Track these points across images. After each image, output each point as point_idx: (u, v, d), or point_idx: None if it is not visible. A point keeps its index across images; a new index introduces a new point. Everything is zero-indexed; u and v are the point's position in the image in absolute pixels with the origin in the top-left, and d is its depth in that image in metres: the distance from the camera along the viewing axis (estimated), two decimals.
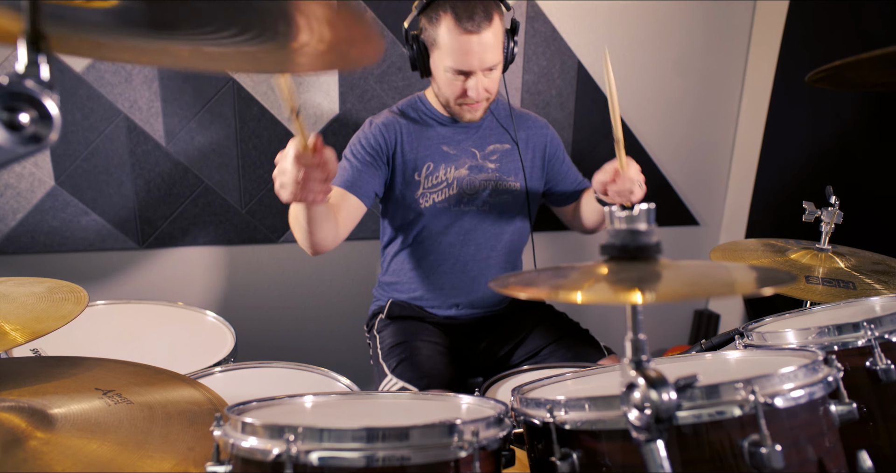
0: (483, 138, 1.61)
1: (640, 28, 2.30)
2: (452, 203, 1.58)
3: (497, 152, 1.61)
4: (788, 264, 1.41)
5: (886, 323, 0.84)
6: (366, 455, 0.63)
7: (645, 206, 0.63)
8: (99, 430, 0.76)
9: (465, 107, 1.49)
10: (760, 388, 0.65)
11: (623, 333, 0.60)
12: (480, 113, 1.53)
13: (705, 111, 2.50)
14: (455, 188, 1.58)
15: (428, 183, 1.56)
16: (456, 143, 1.58)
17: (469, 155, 1.59)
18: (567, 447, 0.70)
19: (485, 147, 1.61)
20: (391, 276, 1.71)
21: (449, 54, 1.39)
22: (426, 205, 1.57)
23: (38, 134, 0.44)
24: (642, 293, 0.55)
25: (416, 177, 1.56)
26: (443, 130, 1.58)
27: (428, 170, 1.56)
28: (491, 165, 1.60)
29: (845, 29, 2.09)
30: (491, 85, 1.46)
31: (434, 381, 1.39)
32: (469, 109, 1.50)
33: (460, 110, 1.51)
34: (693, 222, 2.60)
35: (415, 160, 1.55)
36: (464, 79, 1.43)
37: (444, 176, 1.57)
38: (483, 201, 1.60)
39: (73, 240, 1.89)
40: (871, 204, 1.99)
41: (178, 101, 1.90)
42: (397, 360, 1.47)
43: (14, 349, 1.01)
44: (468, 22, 1.34)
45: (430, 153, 1.56)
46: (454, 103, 1.49)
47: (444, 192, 1.57)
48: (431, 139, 1.57)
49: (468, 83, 1.43)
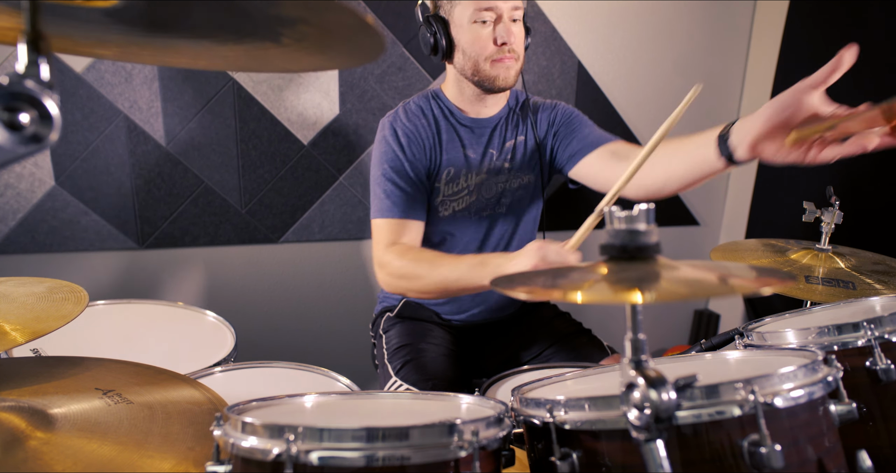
0: (500, 135, 1.54)
1: (640, 28, 2.30)
2: (472, 211, 1.54)
3: (512, 148, 1.54)
4: (788, 264, 1.42)
5: (886, 323, 0.84)
6: (366, 454, 0.63)
7: (644, 206, 0.63)
8: (99, 430, 0.76)
9: (499, 63, 1.38)
10: (760, 388, 0.65)
11: (623, 333, 0.60)
12: (514, 74, 1.41)
13: (705, 111, 2.50)
14: (475, 195, 1.52)
15: (448, 190, 1.50)
16: (478, 146, 1.52)
17: (489, 157, 1.53)
18: (567, 447, 0.70)
19: (502, 145, 1.54)
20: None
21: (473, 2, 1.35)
22: (445, 214, 1.52)
23: (38, 134, 0.44)
24: (642, 293, 0.55)
25: (436, 184, 1.50)
26: (464, 131, 1.52)
27: (448, 177, 1.50)
28: (506, 165, 1.54)
29: (845, 29, 2.09)
30: (518, 37, 1.39)
31: (438, 384, 1.38)
32: (503, 66, 1.39)
33: (494, 70, 1.39)
34: (693, 222, 2.60)
35: (436, 166, 1.49)
36: (493, 28, 1.36)
37: (465, 183, 1.51)
38: (500, 203, 1.56)
39: (73, 240, 1.90)
40: (871, 204, 1.99)
41: (178, 101, 1.90)
42: (402, 362, 1.46)
43: (14, 349, 1.01)
44: None
45: (451, 157, 1.50)
46: (485, 60, 1.39)
47: (465, 200, 1.52)
48: (454, 141, 1.50)
49: (498, 30, 1.36)
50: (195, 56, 0.66)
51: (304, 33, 0.57)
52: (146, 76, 1.86)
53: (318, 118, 2.03)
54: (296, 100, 2.00)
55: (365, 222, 2.17)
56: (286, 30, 0.56)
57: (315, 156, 2.06)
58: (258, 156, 2.00)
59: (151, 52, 0.66)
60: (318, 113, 2.03)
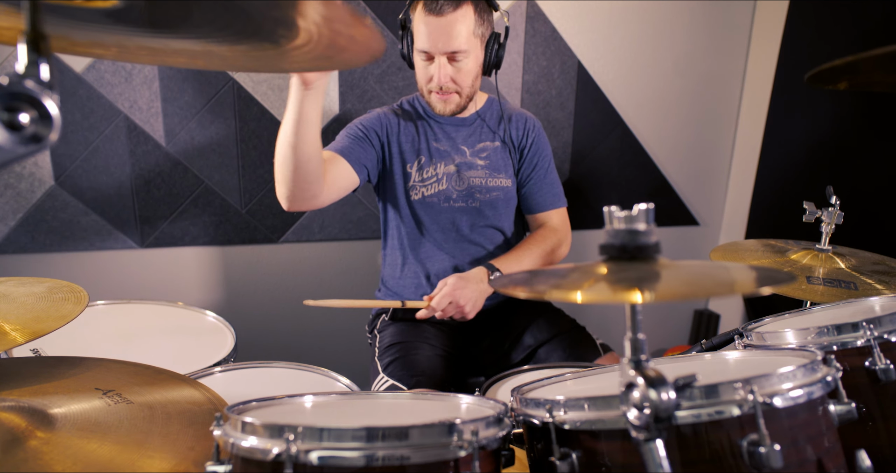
0: (473, 136, 1.64)
1: (640, 28, 2.30)
2: (442, 198, 1.61)
3: (487, 150, 1.64)
4: (788, 264, 1.41)
5: (885, 323, 0.84)
6: (365, 454, 0.63)
7: (644, 206, 0.63)
8: (99, 430, 0.76)
9: (435, 95, 1.52)
10: (759, 388, 0.65)
11: (623, 332, 0.60)
12: (452, 107, 1.54)
13: (705, 111, 2.50)
14: (444, 183, 1.61)
15: (419, 176, 1.60)
16: (447, 140, 1.62)
17: (459, 152, 1.62)
18: (566, 447, 0.70)
19: (474, 144, 1.64)
20: (390, 279, 1.72)
21: (417, 36, 1.46)
22: (416, 197, 1.61)
23: (38, 134, 0.44)
24: (641, 293, 0.55)
25: (408, 168, 1.61)
26: (436, 126, 1.63)
27: (420, 164, 1.61)
28: (480, 162, 1.63)
29: (846, 29, 2.09)
30: (458, 76, 1.49)
31: (423, 381, 1.40)
32: (438, 99, 1.53)
33: (433, 100, 1.54)
34: (693, 222, 2.60)
35: (408, 152, 1.60)
36: (428, 64, 1.48)
37: (435, 171, 1.61)
38: (473, 198, 1.62)
39: (73, 240, 1.90)
40: (872, 204, 1.99)
41: (178, 101, 1.90)
42: (390, 359, 1.49)
43: (14, 349, 1.01)
44: (432, 3, 1.41)
45: (422, 147, 1.61)
46: (425, 91, 1.54)
47: (434, 187, 1.61)
48: (424, 134, 1.62)
49: (430, 68, 1.48)
50: (195, 56, 0.66)
51: (304, 35, 0.57)
52: (146, 76, 1.86)
53: None
54: None
55: (365, 222, 2.18)
56: (286, 31, 0.57)
57: None
58: (258, 156, 2.00)
59: (151, 52, 0.66)
60: None
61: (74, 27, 0.56)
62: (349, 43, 0.60)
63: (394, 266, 1.71)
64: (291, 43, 0.59)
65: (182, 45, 0.62)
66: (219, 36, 0.59)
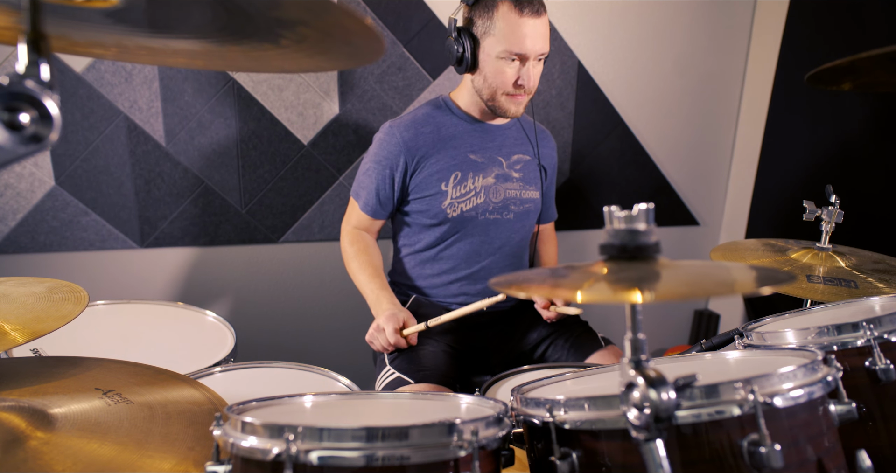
0: (508, 147, 1.64)
1: (640, 28, 2.30)
2: (479, 211, 1.60)
3: (521, 162, 1.65)
4: (789, 264, 1.41)
5: (886, 323, 0.84)
6: (365, 454, 0.63)
7: (644, 206, 0.63)
8: (99, 430, 0.76)
9: (513, 98, 1.50)
10: (759, 388, 0.65)
11: (623, 331, 0.60)
12: (522, 108, 1.54)
13: (705, 111, 2.50)
14: (482, 196, 1.59)
15: (456, 192, 1.57)
16: (483, 151, 1.60)
17: (496, 163, 1.61)
18: (567, 446, 0.70)
19: (510, 156, 1.64)
20: (407, 279, 1.71)
21: (505, 39, 1.42)
22: (453, 214, 1.58)
23: (38, 134, 0.44)
24: (642, 292, 0.55)
25: (443, 187, 1.57)
26: (469, 138, 1.60)
27: (456, 180, 1.57)
28: (516, 174, 1.63)
29: (846, 29, 2.09)
30: (537, 78, 1.49)
31: (430, 375, 1.41)
32: (515, 101, 1.51)
33: (506, 102, 1.51)
34: (693, 222, 2.60)
35: (442, 170, 1.57)
36: (518, 67, 1.45)
37: (473, 184, 1.58)
38: (508, 210, 1.62)
39: (73, 240, 1.90)
40: (871, 203, 1.99)
41: (178, 101, 1.90)
42: (398, 353, 1.50)
43: (14, 349, 1.01)
44: (528, 5, 1.40)
45: (458, 162, 1.57)
46: (502, 94, 1.50)
47: (472, 201, 1.59)
48: (458, 148, 1.58)
49: (522, 70, 1.45)
50: (195, 56, 0.66)
51: (304, 35, 0.57)
52: (146, 76, 1.86)
53: (318, 118, 2.03)
54: (296, 100, 2.00)
55: None
56: (286, 31, 0.57)
57: (315, 156, 2.06)
58: (258, 156, 2.00)
59: (151, 52, 0.66)
60: (318, 113, 2.03)
61: (74, 27, 0.56)
62: (349, 43, 0.60)
63: (417, 275, 1.69)
64: (291, 43, 0.59)
65: (182, 45, 0.62)
66: (219, 36, 0.58)
